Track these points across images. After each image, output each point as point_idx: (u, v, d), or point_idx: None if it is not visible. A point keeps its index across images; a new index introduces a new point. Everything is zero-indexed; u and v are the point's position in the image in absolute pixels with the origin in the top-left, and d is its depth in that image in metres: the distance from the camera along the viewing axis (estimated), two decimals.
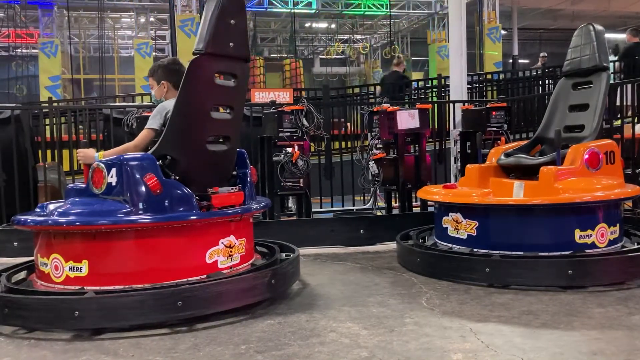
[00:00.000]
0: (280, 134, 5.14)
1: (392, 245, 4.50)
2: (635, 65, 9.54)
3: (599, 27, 4.14)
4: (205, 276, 3.06)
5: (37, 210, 3.17)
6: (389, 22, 19.51)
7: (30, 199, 5.48)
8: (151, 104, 6.20)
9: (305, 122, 5.15)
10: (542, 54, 14.27)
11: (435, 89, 12.65)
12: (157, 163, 3.06)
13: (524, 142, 4.41)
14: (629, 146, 5.50)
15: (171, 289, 2.85)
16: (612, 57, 9.61)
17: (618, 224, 3.74)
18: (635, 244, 3.84)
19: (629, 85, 6.84)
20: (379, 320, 2.86)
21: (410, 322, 2.82)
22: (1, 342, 2.71)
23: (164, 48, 21.94)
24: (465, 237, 3.79)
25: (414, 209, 5.60)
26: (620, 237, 3.77)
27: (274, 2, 18.39)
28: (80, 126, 8.73)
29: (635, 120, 5.81)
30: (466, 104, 6.49)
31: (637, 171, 5.28)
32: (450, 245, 3.89)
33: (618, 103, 7.12)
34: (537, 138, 4.33)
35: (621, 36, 20.58)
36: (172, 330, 2.78)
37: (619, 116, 6.79)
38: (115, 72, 20.08)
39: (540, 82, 11.86)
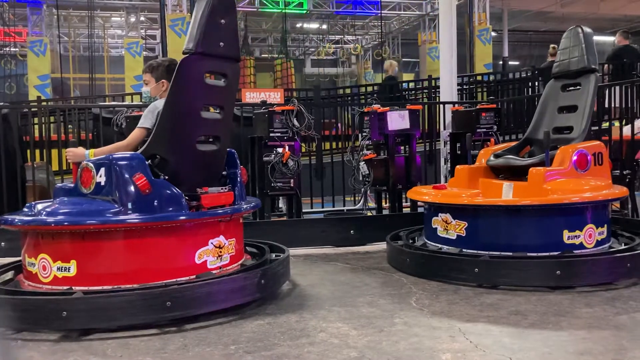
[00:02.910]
0: (271, 134, 5.13)
1: (382, 246, 4.51)
2: (623, 68, 9.61)
3: (587, 30, 4.17)
4: (194, 276, 3.05)
5: (25, 210, 3.15)
6: (380, 24, 19.55)
7: (19, 199, 5.44)
8: (141, 103, 6.16)
9: (296, 123, 5.15)
10: (551, 46, 12.81)
11: (425, 90, 12.69)
12: (147, 163, 3.04)
13: (514, 144, 4.43)
14: (617, 148, 5.55)
15: (160, 289, 2.84)
16: None
17: (606, 225, 3.77)
18: (623, 244, 3.87)
19: (617, 87, 6.91)
20: (368, 321, 2.87)
21: (399, 322, 2.83)
22: None
23: (154, 47, 21.84)
24: (454, 237, 3.81)
25: (404, 209, 5.61)
26: (608, 238, 3.80)
27: (265, 2, 18.36)
28: (70, 125, 8.68)
29: (624, 122, 5.86)
30: (456, 105, 6.52)
31: (624, 172, 5.32)
32: (440, 245, 3.91)
33: (607, 105, 7.17)
34: (527, 139, 4.35)
35: (610, 39, 20.75)
36: (161, 331, 2.77)
37: (606, 117, 6.84)
38: (105, 72, 19.96)
39: (529, 83, 11.92)
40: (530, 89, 11.61)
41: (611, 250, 3.72)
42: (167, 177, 3.09)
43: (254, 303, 3.16)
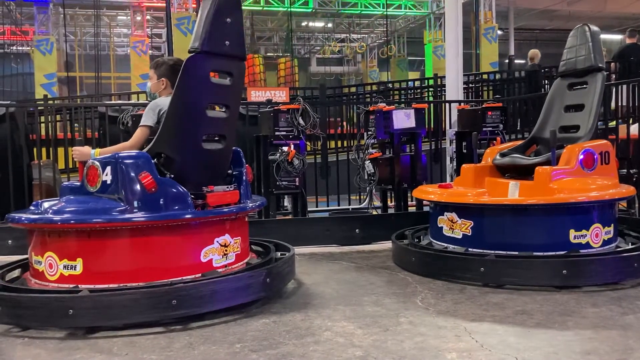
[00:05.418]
0: (276, 133, 5.14)
1: (388, 245, 4.51)
2: (630, 66, 9.56)
3: (594, 28, 4.15)
4: (200, 275, 3.06)
5: (32, 208, 3.17)
6: (385, 22, 19.51)
7: (25, 197, 5.47)
8: (146, 101, 6.18)
9: (301, 121, 5.14)
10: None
11: (431, 89, 12.66)
12: (152, 161, 3.05)
13: (520, 142, 4.42)
14: (624, 147, 5.53)
15: (166, 288, 2.84)
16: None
17: (612, 224, 3.75)
18: (630, 244, 3.85)
19: (624, 86, 6.87)
20: (373, 320, 2.87)
21: (405, 322, 2.82)
22: None
23: (160, 46, 21.89)
24: (460, 236, 3.80)
25: (409, 208, 5.60)
26: (614, 238, 3.78)
27: (271, 0, 18.37)
28: (76, 124, 8.71)
29: (631, 121, 5.84)
30: (462, 104, 6.50)
31: (631, 172, 5.30)
32: (446, 244, 3.90)
33: (613, 104, 7.14)
34: (533, 138, 4.34)
35: (617, 37, 20.65)
36: (167, 329, 2.78)
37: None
38: (112, 70, 20.02)
39: (536, 82, 11.86)
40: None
41: (618, 249, 3.71)
42: (172, 176, 3.10)
43: (259, 301, 3.16)
